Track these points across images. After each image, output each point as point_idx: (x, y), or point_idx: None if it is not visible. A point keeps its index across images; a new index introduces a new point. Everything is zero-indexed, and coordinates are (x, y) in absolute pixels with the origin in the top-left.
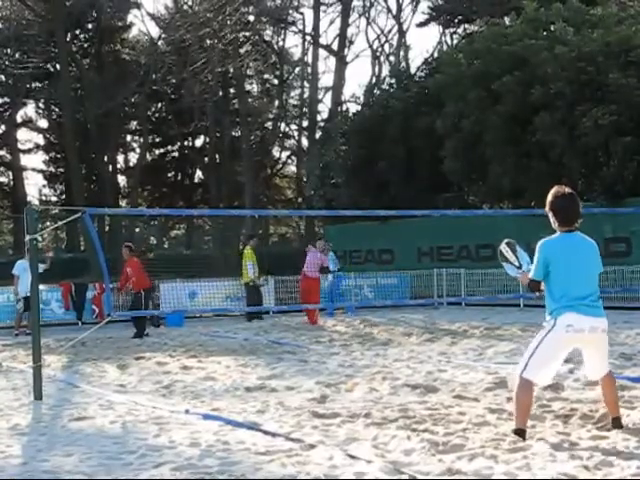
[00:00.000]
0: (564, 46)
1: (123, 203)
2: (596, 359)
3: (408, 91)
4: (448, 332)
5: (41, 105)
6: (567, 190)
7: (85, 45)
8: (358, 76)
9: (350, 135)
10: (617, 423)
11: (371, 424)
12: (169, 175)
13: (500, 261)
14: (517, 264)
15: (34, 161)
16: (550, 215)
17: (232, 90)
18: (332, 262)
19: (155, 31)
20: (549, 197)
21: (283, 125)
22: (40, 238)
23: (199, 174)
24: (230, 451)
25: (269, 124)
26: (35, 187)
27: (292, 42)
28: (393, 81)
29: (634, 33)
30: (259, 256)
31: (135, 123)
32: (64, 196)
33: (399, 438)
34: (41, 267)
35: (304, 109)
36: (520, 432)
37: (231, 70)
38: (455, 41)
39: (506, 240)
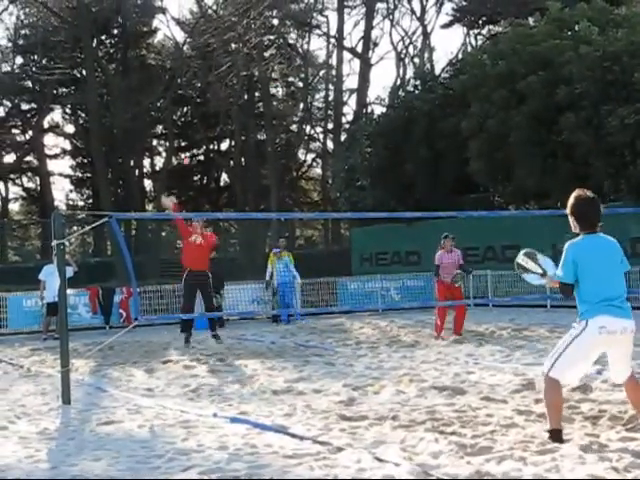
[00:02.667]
0: (589, 46)
1: (150, 207)
2: (623, 360)
3: (433, 92)
4: (475, 333)
5: (68, 110)
6: (589, 194)
7: (111, 50)
8: (383, 78)
9: (375, 137)
10: None
11: (399, 426)
12: (195, 179)
13: (519, 274)
14: (540, 271)
15: (61, 166)
16: (571, 219)
17: (257, 93)
18: (287, 268)
19: (180, 36)
20: (571, 201)
21: (308, 128)
22: (67, 243)
23: (225, 177)
24: (258, 454)
25: (294, 127)
26: (62, 192)
27: (316, 45)
28: (418, 83)
29: None
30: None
31: (161, 127)
32: (91, 201)
33: (427, 440)
34: (69, 270)
35: (329, 111)
36: (555, 432)
37: (256, 73)
38: (479, 42)
39: (523, 251)
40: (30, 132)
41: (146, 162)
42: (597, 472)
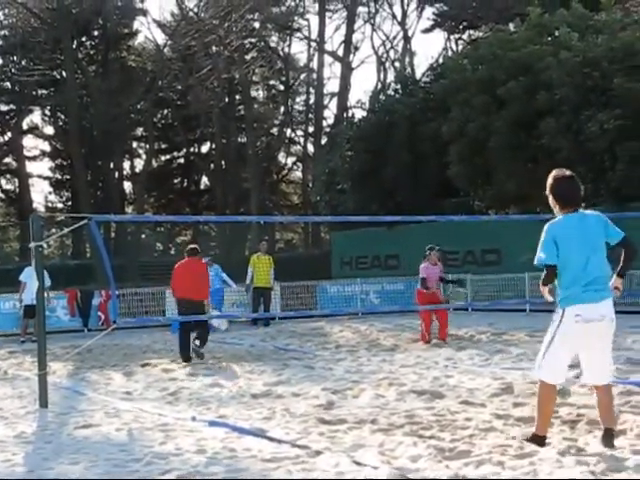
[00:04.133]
0: (569, 51)
1: (129, 210)
2: (601, 356)
3: (413, 97)
4: (454, 337)
5: (47, 112)
6: (567, 172)
7: (91, 52)
8: (363, 82)
9: (356, 141)
10: (609, 435)
11: (377, 430)
12: (175, 181)
13: None
14: None
15: (40, 168)
16: (551, 199)
17: (238, 96)
18: (218, 277)
19: (161, 38)
20: (549, 180)
21: (289, 131)
22: (46, 245)
23: (205, 180)
24: (236, 458)
25: (275, 130)
26: (41, 194)
27: (298, 48)
28: (398, 87)
29: (638, 38)
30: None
31: (141, 130)
32: (70, 203)
33: (406, 444)
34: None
35: (310, 115)
36: (539, 438)
37: (237, 76)
38: (460, 47)
39: None
40: (9, 133)
41: (126, 164)
42: (575, 476)
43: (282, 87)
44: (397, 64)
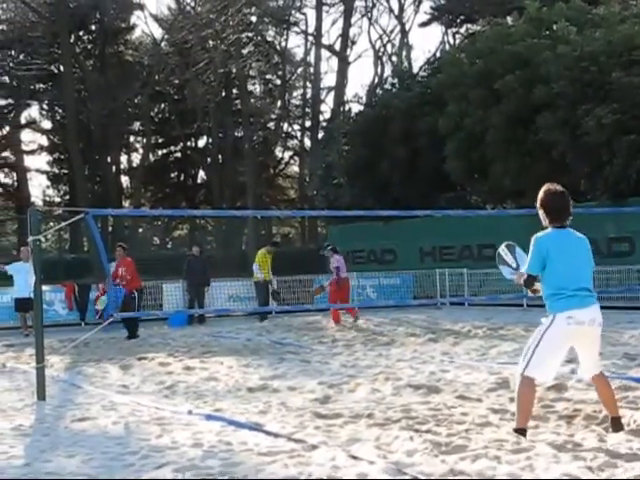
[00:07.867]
0: (566, 45)
1: (126, 204)
2: (592, 355)
3: (410, 91)
4: (451, 332)
5: (45, 106)
6: (558, 188)
7: (88, 46)
8: (360, 76)
9: (352, 135)
10: (617, 423)
11: (374, 425)
12: (172, 175)
13: (497, 263)
14: (515, 265)
15: (38, 162)
16: (541, 212)
17: (235, 91)
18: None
19: (158, 32)
20: (540, 194)
21: (286, 125)
22: (43, 239)
23: (202, 174)
24: (232, 452)
25: (272, 124)
26: (39, 188)
27: (294, 42)
28: (395, 81)
29: (637, 32)
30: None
31: (138, 124)
32: (68, 197)
33: (402, 439)
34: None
35: (306, 109)
36: (520, 431)
37: (234, 71)
38: (457, 41)
39: (505, 243)
40: (7, 128)
41: (123, 158)
42: (571, 471)
43: (279, 81)
44: (394, 58)
